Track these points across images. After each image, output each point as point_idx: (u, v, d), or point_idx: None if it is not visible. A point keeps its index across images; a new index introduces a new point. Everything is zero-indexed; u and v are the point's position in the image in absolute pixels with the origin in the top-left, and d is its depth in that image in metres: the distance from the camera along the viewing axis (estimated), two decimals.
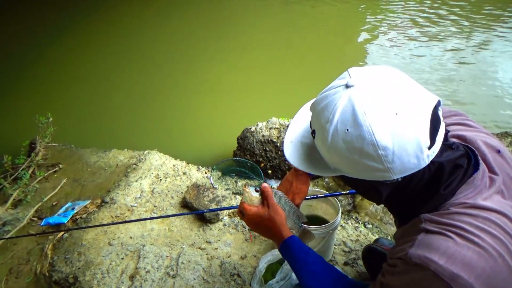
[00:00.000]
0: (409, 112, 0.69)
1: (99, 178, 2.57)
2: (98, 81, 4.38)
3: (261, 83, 4.03)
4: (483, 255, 0.70)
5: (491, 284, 0.70)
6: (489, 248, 0.71)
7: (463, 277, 0.68)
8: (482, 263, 0.70)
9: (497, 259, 0.71)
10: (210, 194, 2.15)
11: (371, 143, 0.70)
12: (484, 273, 0.69)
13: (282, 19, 5.79)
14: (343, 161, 0.77)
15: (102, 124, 3.58)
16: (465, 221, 0.74)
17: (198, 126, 3.46)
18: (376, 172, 0.73)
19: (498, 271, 0.71)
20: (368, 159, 0.72)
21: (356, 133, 0.71)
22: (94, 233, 2.03)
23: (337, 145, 0.74)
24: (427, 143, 0.71)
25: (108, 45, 5.31)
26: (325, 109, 0.75)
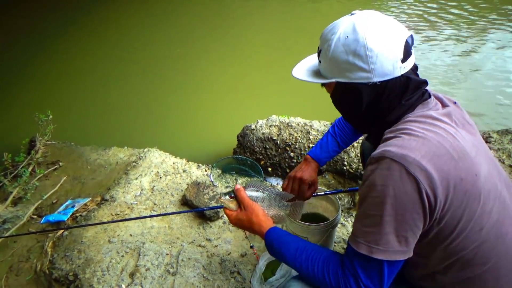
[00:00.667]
0: (392, 32, 0.95)
1: (99, 175, 2.57)
2: (98, 79, 4.38)
3: (261, 81, 4.03)
4: (426, 143, 0.88)
5: (436, 164, 0.85)
6: (432, 139, 0.89)
7: (411, 156, 0.85)
8: (426, 148, 0.87)
9: (439, 147, 0.88)
10: (210, 191, 2.15)
11: (362, 45, 0.93)
12: (428, 155, 0.86)
13: (282, 18, 5.78)
14: (339, 65, 0.98)
15: (102, 121, 3.58)
16: (413, 125, 0.93)
17: (198, 123, 3.46)
18: (361, 72, 0.95)
19: (441, 154, 0.87)
20: (358, 59, 0.94)
21: (353, 37, 0.94)
22: (94, 231, 2.03)
23: (337, 49, 0.97)
24: (401, 57, 0.94)
25: (107, 43, 5.31)
26: (332, 28, 1.01)
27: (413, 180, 0.84)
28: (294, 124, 2.58)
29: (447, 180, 0.85)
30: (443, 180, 0.85)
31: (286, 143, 2.52)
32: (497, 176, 0.98)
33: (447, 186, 0.85)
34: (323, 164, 1.58)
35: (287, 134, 2.55)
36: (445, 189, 0.85)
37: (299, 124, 2.57)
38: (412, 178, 0.84)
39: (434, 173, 0.84)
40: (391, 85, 0.96)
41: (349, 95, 1.02)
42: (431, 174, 0.84)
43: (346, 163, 2.35)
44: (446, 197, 0.86)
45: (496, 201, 0.93)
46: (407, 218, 0.86)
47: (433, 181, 0.84)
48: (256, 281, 1.60)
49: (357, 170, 2.31)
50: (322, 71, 1.07)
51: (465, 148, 0.90)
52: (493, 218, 0.92)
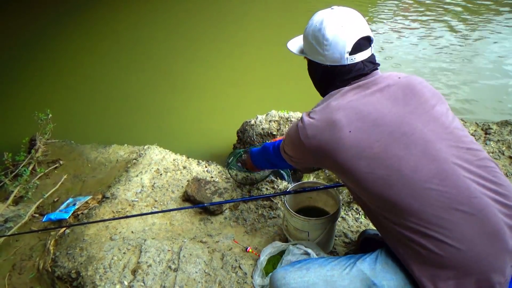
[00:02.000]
0: (348, 29, 1.16)
1: (99, 173, 2.57)
2: (96, 77, 4.37)
3: (261, 76, 4.02)
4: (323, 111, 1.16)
5: (317, 133, 1.14)
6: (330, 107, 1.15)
7: (305, 118, 1.18)
8: (316, 123, 1.15)
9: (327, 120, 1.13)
10: (212, 186, 2.16)
11: (322, 35, 1.18)
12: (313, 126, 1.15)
13: (281, 14, 5.76)
14: (307, 46, 1.27)
15: (101, 119, 3.58)
16: (330, 98, 1.20)
17: (198, 120, 3.46)
18: (318, 55, 1.23)
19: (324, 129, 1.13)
20: (318, 45, 1.21)
21: (318, 27, 1.20)
22: (96, 228, 2.03)
23: (308, 33, 1.26)
24: (349, 50, 1.16)
25: (106, 41, 5.29)
26: (314, 16, 1.25)
27: (297, 132, 1.20)
28: (293, 119, 2.58)
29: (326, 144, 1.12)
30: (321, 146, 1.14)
31: None
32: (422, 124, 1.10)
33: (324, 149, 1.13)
34: None
35: (286, 129, 2.54)
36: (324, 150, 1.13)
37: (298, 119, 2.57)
38: (298, 132, 1.19)
39: (314, 140, 1.14)
40: (337, 70, 1.21)
41: (312, 68, 1.32)
42: (307, 132, 1.16)
43: None
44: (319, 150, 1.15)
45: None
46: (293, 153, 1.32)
47: (310, 140, 1.15)
48: (258, 275, 1.61)
49: None
50: (303, 45, 1.34)
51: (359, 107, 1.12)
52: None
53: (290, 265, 1.23)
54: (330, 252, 1.75)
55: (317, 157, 1.17)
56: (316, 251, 1.57)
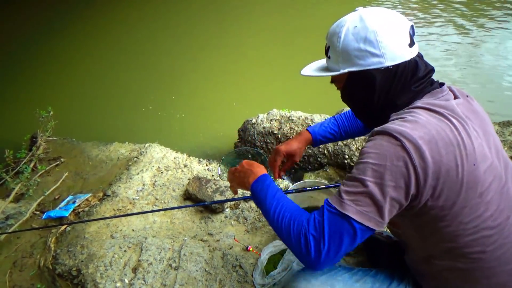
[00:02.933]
0: (396, 20, 0.99)
1: (100, 171, 2.57)
2: (98, 75, 4.37)
3: (262, 75, 4.02)
4: (428, 126, 0.90)
5: (432, 146, 0.87)
6: (434, 125, 0.90)
7: (408, 133, 0.88)
8: (426, 130, 0.89)
9: (440, 132, 0.89)
10: (213, 185, 2.16)
11: (372, 31, 0.96)
12: (426, 136, 0.88)
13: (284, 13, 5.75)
14: (350, 54, 1.00)
15: (103, 117, 3.59)
16: (419, 111, 0.95)
17: (199, 118, 3.46)
18: (373, 57, 0.98)
19: (439, 139, 0.88)
20: (369, 45, 0.97)
21: (362, 26, 0.98)
22: (97, 226, 2.04)
23: (346, 39, 1.00)
24: (408, 42, 0.98)
25: (108, 38, 5.29)
26: (339, 23, 1.04)
27: (406, 155, 0.86)
28: (294, 118, 2.58)
29: (440, 164, 0.87)
30: (436, 164, 0.86)
31: (287, 137, 2.52)
32: (504, 169, 0.98)
33: (439, 170, 0.87)
34: (317, 141, 1.55)
35: (288, 128, 2.54)
36: (437, 172, 0.87)
37: (300, 118, 2.57)
38: (406, 153, 0.86)
39: (428, 155, 0.86)
40: (401, 69, 0.98)
41: (362, 84, 1.03)
42: (425, 154, 0.86)
43: (347, 156, 2.34)
44: (437, 180, 0.87)
45: (497, 193, 0.94)
46: (389, 189, 0.87)
47: (426, 161, 0.86)
48: (258, 274, 1.61)
49: None
50: (332, 66, 1.08)
51: (464, 139, 0.90)
52: (492, 208, 0.93)
53: (312, 276, 1.17)
54: None
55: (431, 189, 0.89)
56: None
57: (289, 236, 0.96)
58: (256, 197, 1.12)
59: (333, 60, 1.06)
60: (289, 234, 0.96)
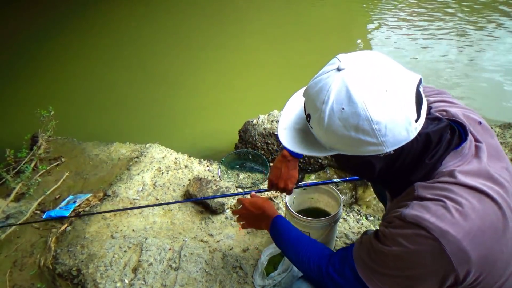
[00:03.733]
0: (397, 89, 0.75)
1: (101, 171, 2.58)
2: (99, 75, 4.38)
3: (263, 76, 4.02)
4: (471, 215, 0.77)
5: (478, 241, 0.77)
6: (477, 209, 0.78)
7: (451, 233, 0.75)
8: (471, 223, 0.77)
9: (485, 219, 0.78)
10: (213, 186, 2.16)
11: (365, 119, 0.75)
12: (472, 231, 0.76)
13: (284, 14, 5.75)
14: (339, 140, 0.81)
15: (103, 117, 3.59)
16: (455, 188, 0.80)
17: (200, 119, 3.46)
18: (370, 146, 0.78)
19: (485, 229, 0.78)
20: (363, 134, 0.77)
21: (351, 110, 0.75)
22: (97, 226, 2.04)
23: (333, 124, 0.78)
24: (414, 116, 0.77)
25: (109, 38, 5.29)
26: (320, 92, 0.80)
27: (447, 262, 0.76)
28: None
29: (485, 258, 0.78)
30: (481, 259, 0.78)
31: None
32: None
33: (484, 262, 0.79)
34: (301, 157, 1.50)
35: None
36: (481, 265, 0.78)
37: None
38: (447, 259, 0.76)
39: (473, 254, 0.76)
40: (407, 149, 0.82)
41: (356, 164, 0.90)
42: (469, 255, 0.76)
43: None
44: (481, 272, 0.79)
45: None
46: (415, 284, 0.83)
47: (470, 261, 0.77)
48: (258, 275, 1.61)
49: None
50: (317, 137, 0.87)
51: (507, 216, 0.81)
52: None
53: None
54: None
55: None
56: None
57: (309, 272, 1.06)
58: (275, 240, 1.26)
59: (317, 135, 0.86)
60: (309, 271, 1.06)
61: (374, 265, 0.88)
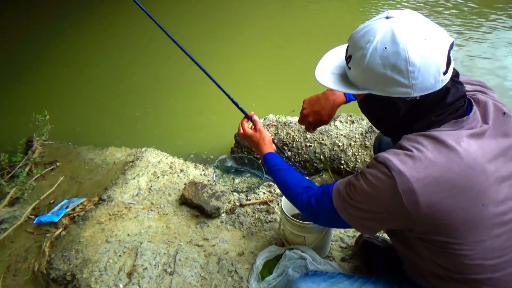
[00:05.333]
0: (435, 40, 0.86)
1: (96, 175, 2.57)
2: (95, 79, 4.37)
3: (258, 80, 4.03)
4: (431, 167, 0.86)
5: (429, 190, 0.85)
6: (440, 164, 0.86)
7: (406, 175, 0.85)
8: (428, 172, 0.85)
9: (444, 174, 0.85)
10: (209, 190, 2.16)
11: (404, 59, 0.85)
12: (426, 179, 0.85)
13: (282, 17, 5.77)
14: (374, 78, 0.90)
15: (99, 121, 3.58)
16: (429, 143, 0.89)
17: (196, 123, 3.46)
18: (401, 87, 0.88)
19: (441, 182, 0.85)
20: (398, 74, 0.86)
21: (393, 50, 0.85)
22: (92, 231, 2.03)
23: (373, 61, 0.88)
24: (444, 69, 0.86)
25: (104, 42, 5.29)
26: (366, 34, 0.90)
27: (399, 198, 0.87)
28: (291, 123, 2.59)
29: (437, 207, 0.86)
30: (431, 207, 0.86)
31: (284, 142, 2.53)
32: None
33: (436, 212, 0.86)
34: (350, 101, 1.43)
35: (284, 133, 2.55)
36: (433, 214, 0.87)
37: (296, 124, 2.57)
38: (399, 196, 0.86)
39: (422, 197, 0.85)
40: (430, 98, 0.90)
41: (382, 107, 0.96)
42: (418, 198, 0.85)
43: (343, 162, 2.35)
44: (434, 220, 0.88)
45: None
46: (376, 218, 0.96)
47: (418, 204, 0.86)
48: (254, 280, 1.61)
49: (354, 168, 2.32)
50: (352, 78, 0.97)
51: (478, 178, 0.87)
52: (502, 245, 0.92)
53: (314, 283, 1.21)
54: (326, 257, 1.75)
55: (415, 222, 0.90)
56: (312, 256, 1.57)
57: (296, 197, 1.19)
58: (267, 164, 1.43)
59: (354, 75, 0.96)
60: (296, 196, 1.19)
61: (347, 198, 0.99)
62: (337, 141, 2.43)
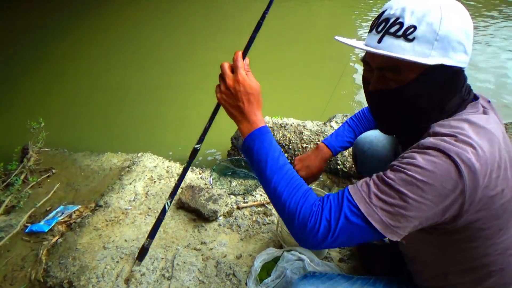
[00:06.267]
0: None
1: (92, 182, 2.55)
2: (90, 85, 4.37)
3: None
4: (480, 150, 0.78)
5: (485, 173, 0.78)
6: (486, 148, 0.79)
7: (466, 156, 0.77)
8: (480, 153, 0.78)
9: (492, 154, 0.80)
10: (206, 193, 2.15)
11: (471, 26, 0.86)
12: (482, 161, 0.77)
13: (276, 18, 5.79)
14: (449, 44, 0.84)
15: (94, 127, 3.57)
16: (467, 127, 0.83)
17: (192, 126, 3.45)
18: (465, 55, 0.86)
19: (491, 162, 0.79)
20: (467, 40, 0.85)
21: (463, 16, 0.85)
22: (89, 237, 2.01)
23: (452, 25, 0.83)
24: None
25: (98, 48, 5.29)
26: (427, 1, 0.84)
27: (460, 181, 0.77)
28: (287, 125, 2.59)
29: (489, 191, 0.80)
30: (486, 190, 0.80)
31: (280, 144, 2.53)
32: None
33: (486, 196, 0.80)
34: (336, 153, 1.52)
35: (280, 135, 2.55)
36: (484, 199, 0.80)
37: (292, 125, 2.57)
38: (460, 178, 0.76)
39: (481, 182, 0.78)
40: (464, 73, 0.91)
41: (443, 80, 0.86)
42: (479, 182, 0.77)
43: (340, 162, 2.35)
44: (482, 205, 0.81)
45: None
46: (426, 208, 0.78)
47: (477, 190, 0.78)
48: (252, 282, 1.60)
49: (351, 169, 2.32)
50: (412, 50, 0.84)
51: (506, 160, 0.84)
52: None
53: (313, 286, 1.18)
54: (324, 258, 1.74)
55: None
56: (310, 257, 1.57)
57: (294, 208, 0.84)
58: (250, 156, 0.95)
59: (421, 45, 0.83)
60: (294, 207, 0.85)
61: (378, 191, 0.80)
62: None
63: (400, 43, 0.84)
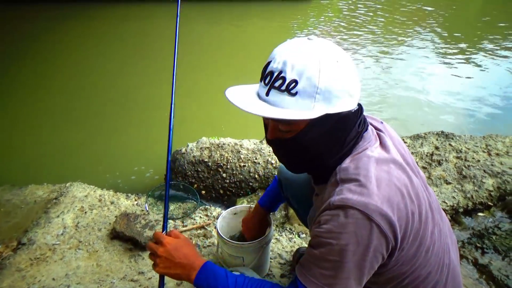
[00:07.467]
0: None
1: (14, 217, 2.33)
2: (8, 112, 4.02)
3: (188, 104, 4.00)
4: (382, 186, 0.86)
5: (393, 206, 0.85)
6: (385, 180, 0.88)
7: (372, 203, 0.83)
8: (383, 191, 0.85)
9: (392, 187, 0.87)
10: (142, 220, 2.06)
11: (353, 69, 0.89)
12: (385, 198, 0.85)
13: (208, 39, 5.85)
14: (332, 94, 0.86)
15: (14, 158, 3.27)
16: (368, 165, 0.89)
17: (125, 152, 3.32)
18: (350, 98, 0.89)
19: (393, 195, 0.86)
20: (349, 85, 0.88)
21: (343, 61, 0.87)
22: (10, 280, 1.82)
23: (332, 76, 0.85)
24: None
25: (21, 71, 4.94)
26: (307, 55, 0.85)
27: (377, 227, 0.83)
28: (224, 145, 2.59)
29: (403, 219, 0.87)
30: (400, 220, 0.86)
31: (218, 164, 2.52)
32: (430, 199, 1.02)
33: (404, 224, 0.88)
34: (275, 210, 1.68)
35: (218, 155, 2.54)
36: (403, 228, 0.88)
37: (230, 144, 2.59)
38: (376, 225, 0.83)
39: (393, 217, 0.84)
40: (359, 111, 0.97)
41: (333, 126, 0.91)
42: (391, 218, 0.84)
43: None
44: (404, 234, 0.88)
45: (435, 229, 1.00)
46: (367, 263, 0.86)
47: (393, 224, 0.84)
48: None
49: None
50: (296, 105, 0.86)
51: (412, 180, 0.93)
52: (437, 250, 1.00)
53: None
54: (266, 275, 1.74)
55: None
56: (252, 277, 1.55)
57: None
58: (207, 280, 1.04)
59: (303, 99, 0.86)
60: None
61: (322, 271, 0.90)
62: (270, 158, 2.47)
63: (284, 98, 0.86)
